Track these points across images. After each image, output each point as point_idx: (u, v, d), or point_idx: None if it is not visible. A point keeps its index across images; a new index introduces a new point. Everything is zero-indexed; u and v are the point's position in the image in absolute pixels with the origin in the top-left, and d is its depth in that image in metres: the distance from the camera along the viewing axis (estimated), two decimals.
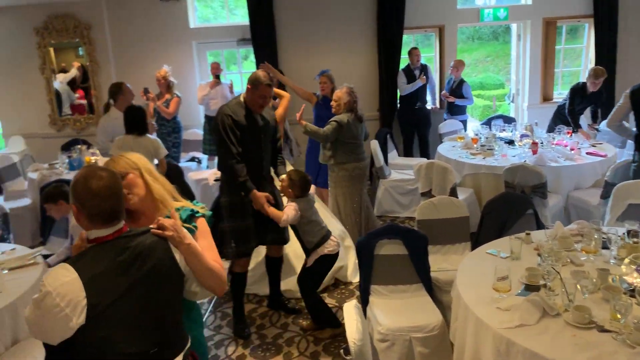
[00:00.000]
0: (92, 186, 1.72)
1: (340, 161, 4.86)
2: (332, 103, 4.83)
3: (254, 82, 3.55)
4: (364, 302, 3.38)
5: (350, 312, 2.35)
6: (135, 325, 1.77)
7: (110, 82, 7.46)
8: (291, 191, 3.66)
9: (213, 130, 3.48)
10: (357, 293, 4.31)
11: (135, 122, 4.49)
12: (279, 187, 3.81)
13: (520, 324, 2.26)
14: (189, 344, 1.98)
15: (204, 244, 2.03)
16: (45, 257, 3.77)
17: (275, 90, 4.54)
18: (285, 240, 3.93)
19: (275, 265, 4.08)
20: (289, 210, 3.60)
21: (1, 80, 7.77)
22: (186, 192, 4.79)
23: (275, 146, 3.91)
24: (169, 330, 1.89)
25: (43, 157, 7.25)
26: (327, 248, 3.67)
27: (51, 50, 7.58)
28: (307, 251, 3.74)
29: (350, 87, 4.83)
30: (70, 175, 5.57)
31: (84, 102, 7.82)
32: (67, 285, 1.65)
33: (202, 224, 2.11)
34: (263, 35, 7.18)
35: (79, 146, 6.37)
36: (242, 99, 3.65)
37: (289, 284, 4.29)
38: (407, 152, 7.30)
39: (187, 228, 2.00)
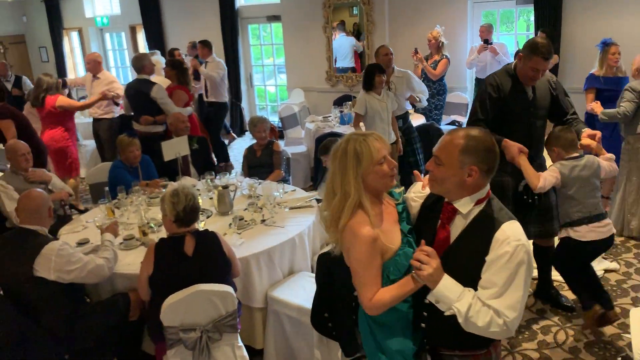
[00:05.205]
0: None
1: (636, 131, 4.31)
2: (632, 67, 4.47)
3: (528, 50, 3.11)
4: None
5: (638, 319, 2.04)
6: None
7: (383, 42, 7.76)
8: (555, 150, 3.18)
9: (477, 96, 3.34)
10: (632, 293, 3.78)
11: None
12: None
13: None
14: None
15: None
16: (318, 201, 4.17)
17: None
18: (552, 233, 3.43)
19: (543, 254, 3.58)
20: (548, 174, 3.08)
21: (291, 38, 8.75)
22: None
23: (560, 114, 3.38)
24: None
25: (317, 110, 8.01)
26: (587, 232, 3.06)
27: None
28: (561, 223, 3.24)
29: None
30: (341, 129, 6.01)
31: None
32: None
33: None
34: None
35: (350, 102, 6.81)
36: (513, 66, 3.29)
37: None
38: None
39: None
